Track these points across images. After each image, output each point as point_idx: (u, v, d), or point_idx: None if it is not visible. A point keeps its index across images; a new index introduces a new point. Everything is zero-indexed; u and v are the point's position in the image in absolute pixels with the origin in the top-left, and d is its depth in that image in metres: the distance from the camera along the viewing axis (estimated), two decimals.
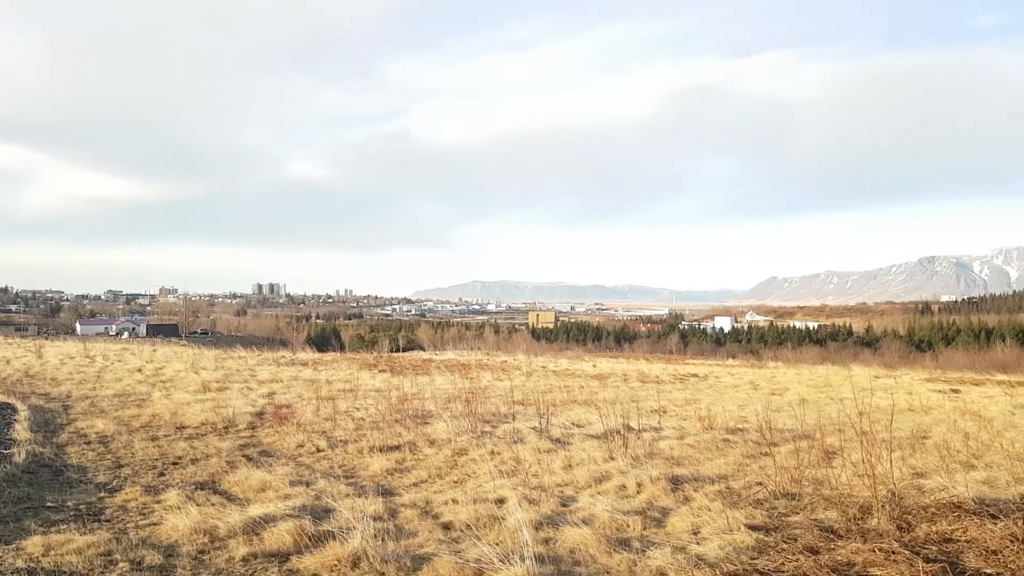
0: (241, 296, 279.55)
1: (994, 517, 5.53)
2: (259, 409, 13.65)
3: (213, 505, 6.85)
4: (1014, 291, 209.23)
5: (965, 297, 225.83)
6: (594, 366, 31.28)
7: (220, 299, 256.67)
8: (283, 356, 31.04)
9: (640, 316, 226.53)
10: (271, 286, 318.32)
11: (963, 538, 5.19)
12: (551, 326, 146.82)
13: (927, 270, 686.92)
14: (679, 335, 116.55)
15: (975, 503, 6.04)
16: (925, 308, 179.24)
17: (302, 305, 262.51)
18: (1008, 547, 4.84)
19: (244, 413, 12.99)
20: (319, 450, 10.21)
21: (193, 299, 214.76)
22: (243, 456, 9.61)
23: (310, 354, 33.73)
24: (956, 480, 7.26)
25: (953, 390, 20.73)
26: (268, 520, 6.13)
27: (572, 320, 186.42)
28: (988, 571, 4.55)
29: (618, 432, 10.41)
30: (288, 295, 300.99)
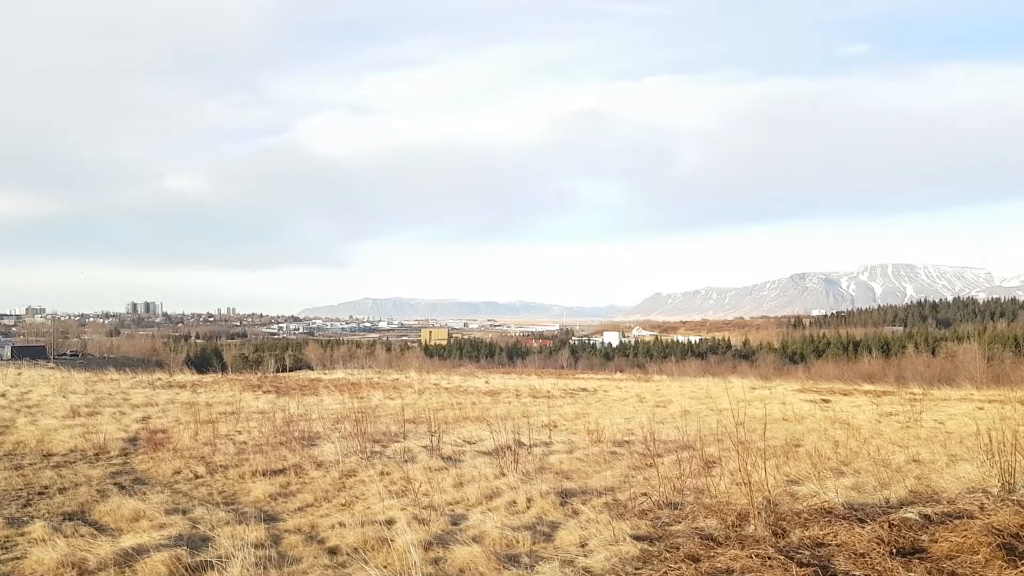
0: (115, 315, 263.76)
1: (862, 521, 5.88)
2: (133, 434, 12.96)
3: (82, 537, 6.42)
4: (879, 306, 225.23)
5: (834, 311, 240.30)
6: (487, 382, 31.36)
7: (92, 319, 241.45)
8: (159, 378, 29.44)
9: (532, 332, 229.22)
10: (147, 305, 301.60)
11: (834, 542, 5.48)
12: (444, 343, 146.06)
13: (799, 286, 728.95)
14: (570, 350, 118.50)
15: (845, 508, 6.41)
16: (797, 322, 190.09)
17: (180, 324, 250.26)
18: (875, 550, 5.14)
19: (116, 439, 12.30)
20: (197, 476, 9.74)
21: (62, 319, 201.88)
22: (115, 484, 9.07)
23: (189, 376, 32.13)
24: (827, 486, 7.71)
25: (824, 400, 22.04)
26: (141, 551, 5.81)
27: (465, 337, 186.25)
28: (857, 573, 4.82)
29: (509, 448, 10.46)
30: (165, 314, 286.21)
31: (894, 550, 5.14)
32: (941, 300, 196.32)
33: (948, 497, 7.02)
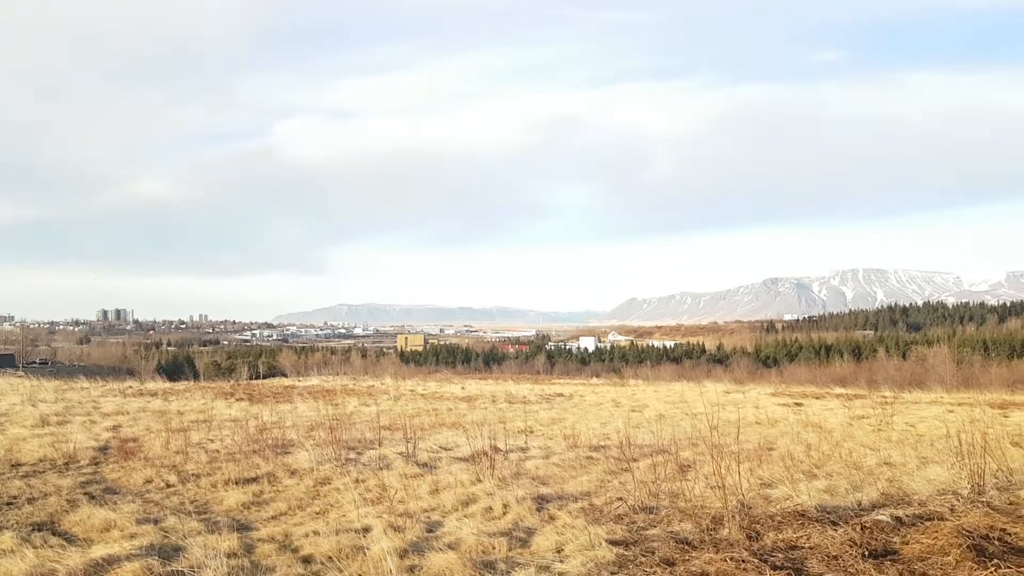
0: (85, 323, 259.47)
1: (835, 524, 5.95)
2: (103, 443, 12.74)
3: (52, 547, 6.30)
4: (850, 310, 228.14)
5: (806, 316, 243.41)
6: (463, 388, 31.28)
7: (61, 326, 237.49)
8: (130, 386, 29.01)
9: (508, 337, 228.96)
10: (118, 312, 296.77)
11: (807, 545, 5.53)
12: (420, 349, 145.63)
13: (771, 291, 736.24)
14: (546, 355, 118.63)
15: (817, 511, 6.48)
16: (770, 326, 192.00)
17: (152, 332, 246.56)
18: (848, 552, 5.20)
19: (87, 448, 12.09)
20: (169, 485, 9.59)
21: (32, 327, 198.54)
22: (85, 494, 8.89)
23: (160, 384, 31.69)
24: (800, 489, 7.78)
25: (796, 403, 22.26)
26: (112, 561, 5.73)
27: (441, 343, 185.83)
28: (830, 575, 4.88)
29: (485, 454, 10.44)
30: (136, 321, 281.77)
31: (866, 552, 5.20)
32: (911, 304, 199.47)
33: (919, 499, 7.12)
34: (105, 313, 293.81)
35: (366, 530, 6.86)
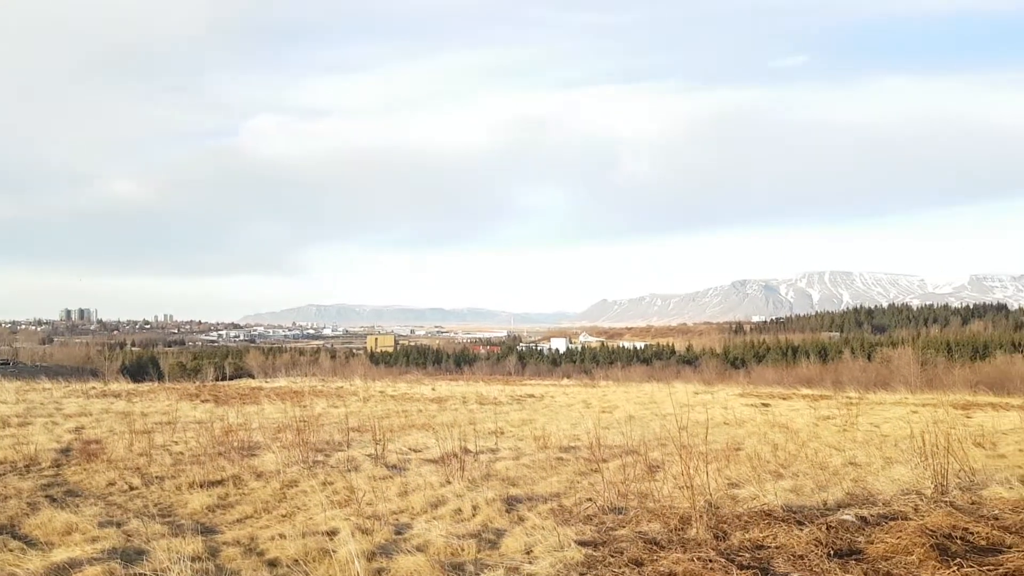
0: (47, 323, 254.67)
1: (800, 523, 6.01)
2: (65, 445, 12.47)
3: (11, 551, 6.16)
4: (816, 312, 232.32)
5: (773, 317, 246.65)
6: (433, 389, 31.14)
7: (23, 326, 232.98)
8: (94, 387, 28.43)
9: (480, 338, 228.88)
10: (81, 312, 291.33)
11: (773, 544, 5.58)
12: (390, 350, 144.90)
13: (739, 292, 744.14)
14: (517, 356, 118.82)
15: (784, 510, 6.53)
16: (738, 328, 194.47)
17: (116, 332, 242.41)
18: (813, 551, 5.25)
19: (48, 450, 11.81)
20: (132, 488, 9.41)
21: None
22: (46, 497, 8.68)
23: (124, 385, 31.11)
24: (766, 489, 7.86)
25: (764, 404, 22.48)
26: (74, 565, 5.61)
27: (412, 343, 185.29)
28: (796, 575, 4.92)
29: (455, 455, 10.38)
30: (100, 321, 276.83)
31: (832, 551, 5.25)
32: (876, 306, 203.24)
33: (884, 499, 7.21)
34: (68, 313, 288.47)
35: (333, 533, 6.78)
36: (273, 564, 6.04)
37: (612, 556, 5.58)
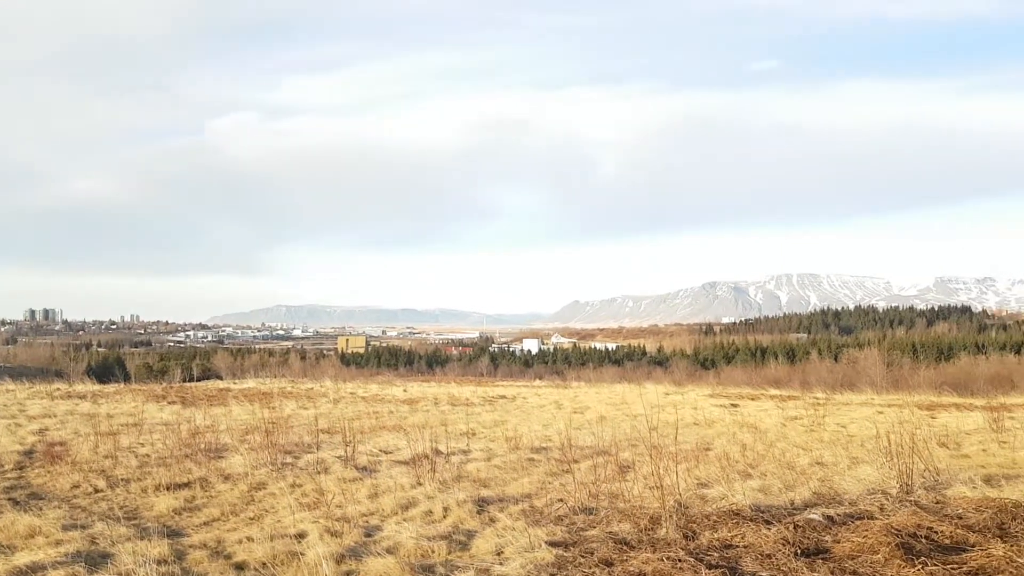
0: (11, 323, 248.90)
1: (768, 523, 6.06)
2: (29, 447, 12.35)
3: None
4: (784, 313, 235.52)
5: (743, 319, 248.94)
6: (405, 391, 30.98)
7: None
8: (58, 388, 27.89)
9: (452, 339, 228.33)
10: (46, 312, 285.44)
11: (742, 544, 5.63)
12: (362, 351, 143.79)
13: (709, 294, 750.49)
14: (489, 358, 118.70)
15: (752, 510, 6.59)
16: (708, 329, 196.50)
17: (81, 332, 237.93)
18: (781, 550, 5.30)
19: (11, 452, 11.70)
20: (97, 491, 9.27)
21: None
22: (9, 499, 8.58)
23: (90, 386, 30.54)
24: (735, 489, 7.93)
25: (733, 404, 22.68)
26: (37, 568, 5.54)
27: (384, 344, 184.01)
28: (764, 574, 4.96)
29: (426, 457, 10.34)
30: (66, 321, 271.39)
31: (799, 551, 5.30)
32: (843, 308, 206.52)
33: (850, 499, 7.32)
34: (33, 313, 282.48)
35: (302, 536, 6.72)
36: (241, 567, 5.97)
37: (583, 556, 5.59)
